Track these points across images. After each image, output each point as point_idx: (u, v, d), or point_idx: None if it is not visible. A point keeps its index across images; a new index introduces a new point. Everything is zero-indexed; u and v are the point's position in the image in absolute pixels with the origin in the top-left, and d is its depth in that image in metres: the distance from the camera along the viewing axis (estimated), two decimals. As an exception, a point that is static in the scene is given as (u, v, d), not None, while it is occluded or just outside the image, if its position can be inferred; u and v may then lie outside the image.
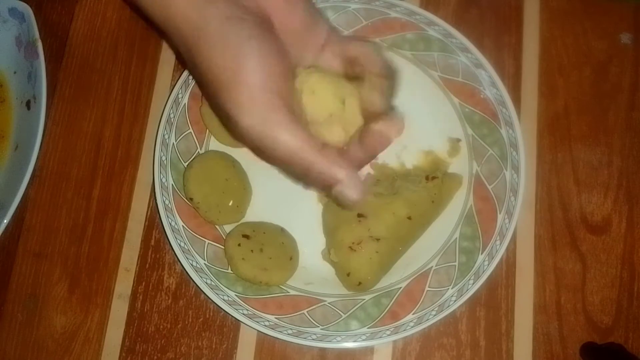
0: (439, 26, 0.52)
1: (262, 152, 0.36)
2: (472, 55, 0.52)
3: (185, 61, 0.38)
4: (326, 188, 0.36)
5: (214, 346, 0.50)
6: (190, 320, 0.50)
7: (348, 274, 0.47)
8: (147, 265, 0.51)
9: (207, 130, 0.52)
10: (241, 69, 0.33)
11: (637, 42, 0.56)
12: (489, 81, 0.51)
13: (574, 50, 0.56)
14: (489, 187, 0.50)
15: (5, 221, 0.49)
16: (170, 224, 0.48)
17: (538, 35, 0.56)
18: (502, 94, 0.51)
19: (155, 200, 0.49)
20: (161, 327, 0.50)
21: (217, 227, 0.50)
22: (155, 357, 0.50)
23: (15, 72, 0.54)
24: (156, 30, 0.51)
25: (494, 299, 0.50)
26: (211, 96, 0.36)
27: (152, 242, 0.52)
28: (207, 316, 0.50)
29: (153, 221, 0.52)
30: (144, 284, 0.51)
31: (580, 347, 0.49)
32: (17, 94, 0.54)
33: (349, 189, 0.36)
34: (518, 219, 0.49)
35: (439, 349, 0.49)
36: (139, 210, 0.52)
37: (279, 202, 0.51)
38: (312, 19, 0.38)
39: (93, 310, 0.51)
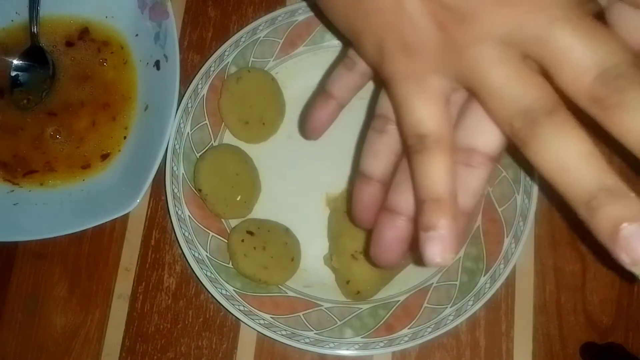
0: None
1: None
2: None
3: None
4: None
5: (214, 346, 0.50)
6: (190, 320, 0.50)
7: (348, 282, 0.47)
8: (147, 265, 0.51)
9: (223, 124, 0.52)
10: None
11: (636, 43, 0.56)
12: None
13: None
14: (499, 210, 0.49)
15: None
16: (177, 212, 0.48)
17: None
18: None
19: (165, 189, 0.49)
20: (161, 327, 0.50)
21: (222, 220, 0.50)
22: (155, 357, 0.50)
23: (137, 35, 0.54)
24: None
25: (494, 299, 0.50)
26: None
27: (152, 242, 0.52)
28: (207, 316, 0.50)
29: (153, 221, 0.52)
30: (144, 284, 0.51)
31: (580, 347, 0.49)
32: (140, 56, 0.53)
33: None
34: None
35: (439, 348, 0.49)
36: (139, 210, 0.52)
37: (287, 202, 0.51)
38: None
39: (93, 310, 0.51)
